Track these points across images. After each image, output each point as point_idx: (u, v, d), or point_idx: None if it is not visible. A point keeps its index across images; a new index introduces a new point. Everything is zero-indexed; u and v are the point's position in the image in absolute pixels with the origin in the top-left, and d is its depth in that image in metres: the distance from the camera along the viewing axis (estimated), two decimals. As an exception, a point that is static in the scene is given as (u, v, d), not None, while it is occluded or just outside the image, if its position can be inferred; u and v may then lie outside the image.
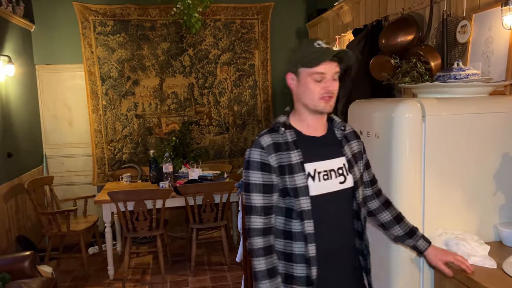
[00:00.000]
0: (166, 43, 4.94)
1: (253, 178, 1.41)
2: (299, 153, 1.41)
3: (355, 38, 3.54)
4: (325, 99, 1.40)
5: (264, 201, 1.40)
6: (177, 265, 4.18)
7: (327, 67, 1.38)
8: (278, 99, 5.37)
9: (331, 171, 1.44)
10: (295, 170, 1.39)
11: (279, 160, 1.40)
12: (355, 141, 1.56)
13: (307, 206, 1.39)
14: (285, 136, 1.44)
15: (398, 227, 1.62)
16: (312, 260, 1.39)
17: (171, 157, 4.23)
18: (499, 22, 2.09)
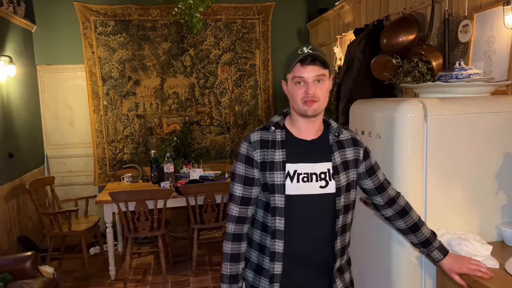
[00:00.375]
0: (167, 43, 4.94)
1: (237, 169, 1.52)
2: (283, 153, 1.47)
3: (356, 38, 3.53)
4: (307, 103, 1.43)
5: (243, 192, 1.50)
6: (179, 265, 4.17)
7: (306, 70, 1.42)
8: (279, 99, 5.37)
9: (313, 175, 1.46)
10: (276, 168, 1.46)
11: (262, 156, 1.48)
12: (351, 148, 1.55)
13: (281, 204, 1.45)
14: (274, 135, 1.50)
15: (413, 235, 1.62)
16: (278, 256, 1.46)
17: (172, 157, 4.23)
18: (501, 22, 2.09)
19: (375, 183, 1.61)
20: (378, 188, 1.61)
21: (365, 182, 1.60)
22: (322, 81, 1.44)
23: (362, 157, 1.57)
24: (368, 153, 1.60)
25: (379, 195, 1.62)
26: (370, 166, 1.60)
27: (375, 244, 2.08)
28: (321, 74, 1.43)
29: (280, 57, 5.31)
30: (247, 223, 1.53)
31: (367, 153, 1.60)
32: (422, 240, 1.61)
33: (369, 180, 1.60)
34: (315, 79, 1.43)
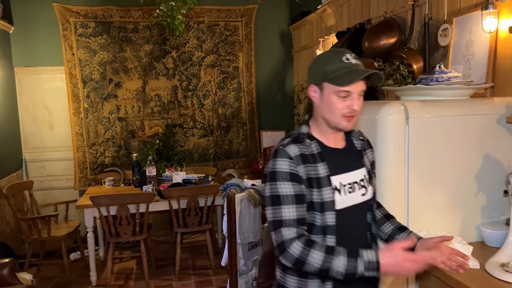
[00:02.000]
0: (149, 45, 4.90)
1: (282, 189, 1.31)
2: (325, 166, 1.36)
3: (339, 41, 3.56)
4: (348, 118, 1.35)
5: (298, 213, 1.30)
6: (161, 270, 4.12)
7: (355, 86, 1.32)
8: (263, 102, 5.37)
9: (354, 183, 1.40)
10: (323, 184, 1.33)
11: (307, 172, 1.33)
12: (370, 150, 1.53)
13: (332, 222, 1.34)
14: (311, 148, 1.37)
15: (388, 223, 1.54)
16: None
17: (154, 161, 4.18)
18: (479, 26, 2.13)
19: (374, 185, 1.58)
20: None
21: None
22: (361, 96, 1.37)
23: (374, 158, 1.56)
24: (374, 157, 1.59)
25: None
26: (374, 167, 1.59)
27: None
28: (364, 89, 1.36)
29: (263, 59, 5.32)
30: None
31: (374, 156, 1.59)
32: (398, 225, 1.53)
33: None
34: (360, 94, 1.35)
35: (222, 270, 3.89)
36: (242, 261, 3.16)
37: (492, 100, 2.00)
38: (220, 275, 3.91)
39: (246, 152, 5.36)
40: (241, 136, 5.32)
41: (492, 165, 1.89)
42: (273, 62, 5.42)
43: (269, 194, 1.34)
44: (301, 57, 5.11)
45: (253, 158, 5.36)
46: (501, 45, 2.09)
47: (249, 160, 5.36)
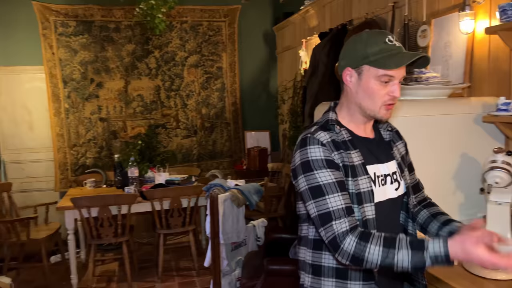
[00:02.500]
0: (131, 45, 4.85)
1: (322, 178, 1.16)
2: (359, 154, 1.23)
3: (321, 42, 3.58)
4: (388, 106, 1.22)
5: (345, 201, 1.16)
6: (144, 272, 4.08)
7: (398, 70, 1.19)
8: (247, 102, 5.37)
9: (387, 176, 1.28)
10: (359, 172, 1.21)
11: (341, 159, 1.20)
12: (400, 142, 1.40)
13: (372, 214, 1.20)
14: (341, 135, 1.24)
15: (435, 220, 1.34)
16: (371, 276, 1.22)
17: (136, 161, 4.14)
18: (456, 27, 2.17)
19: (412, 180, 1.42)
20: (414, 186, 1.42)
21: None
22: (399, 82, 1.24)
23: (407, 151, 1.43)
24: (407, 148, 1.44)
25: (414, 195, 1.40)
26: (410, 162, 1.44)
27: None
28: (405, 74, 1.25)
29: (246, 60, 5.32)
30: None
31: (407, 147, 1.43)
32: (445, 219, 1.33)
33: (409, 176, 1.40)
34: (401, 80, 1.22)
35: (206, 271, 3.88)
36: (226, 261, 3.15)
37: (469, 100, 2.04)
38: (203, 276, 3.90)
39: (230, 153, 5.35)
40: (225, 136, 5.31)
41: (469, 164, 1.92)
42: (257, 63, 5.42)
43: (307, 187, 1.18)
44: (285, 57, 5.13)
45: (237, 158, 5.36)
46: (478, 46, 2.13)
47: (233, 161, 5.35)
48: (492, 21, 2.03)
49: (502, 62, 2.00)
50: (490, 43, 2.06)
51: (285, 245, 3.24)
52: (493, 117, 1.81)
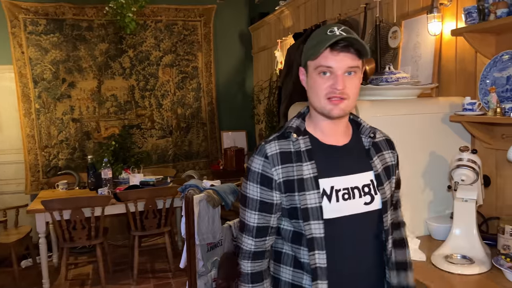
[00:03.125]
0: (104, 44, 4.76)
1: (250, 191, 1.18)
2: (312, 166, 1.14)
3: (296, 42, 3.61)
4: (333, 100, 1.11)
5: (259, 221, 1.17)
6: (119, 274, 4.02)
7: (336, 59, 1.09)
8: (223, 102, 5.36)
9: (354, 189, 1.16)
10: (307, 187, 1.13)
11: (286, 174, 1.14)
12: (389, 151, 1.27)
13: (319, 233, 1.12)
14: (297, 144, 1.17)
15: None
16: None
17: (110, 163, 4.07)
18: (425, 29, 2.22)
19: (393, 198, 1.30)
20: (395, 204, 1.32)
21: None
22: (354, 73, 1.12)
23: (396, 163, 1.29)
24: (398, 161, 1.31)
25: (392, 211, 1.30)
26: (399, 178, 1.32)
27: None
28: (355, 65, 1.11)
29: (222, 60, 5.31)
30: (266, 257, 1.22)
31: (398, 160, 1.31)
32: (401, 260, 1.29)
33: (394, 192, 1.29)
34: (346, 71, 1.10)
35: (182, 272, 3.85)
36: (201, 262, 3.13)
37: (437, 99, 2.09)
38: (179, 277, 3.87)
39: (207, 153, 5.33)
40: (201, 136, 5.28)
41: (437, 162, 1.97)
42: (233, 63, 5.42)
43: (240, 191, 1.22)
44: (261, 57, 5.14)
45: (213, 158, 5.34)
46: (445, 47, 2.19)
47: (209, 161, 5.32)
48: (459, 23, 2.09)
49: (468, 63, 2.06)
50: (456, 45, 2.12)
51: (261, 245, 3.25)
52: (460, 116, 1.87)
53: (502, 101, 1.78)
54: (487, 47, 1.89)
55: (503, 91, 1.81)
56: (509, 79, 1.79)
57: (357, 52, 1.11)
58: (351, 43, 1.09)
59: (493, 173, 1.95)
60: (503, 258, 1.55)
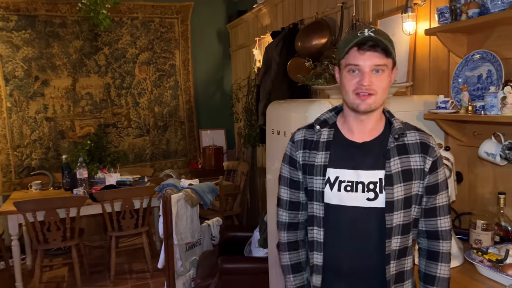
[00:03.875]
0: (79, 41, 4.66)
1: (283, 171, 1.39)
2: (326, 156, 1.27)
3: (274, 41, 3.61)
4: (360, 96, 1.20)
5: (290, 196, 1.37)
6: (96, 276, 3.95)
7: (363, 57, 1.18)
8: (201, 100, 5.32)
9: (359, 184, 1.24)
10: (316, 172, 1.28)
11: (304, 158, 1.32)
12: (419, 155, 1.26)
13: (319, 213, 1.28)
14: (319, 135, 1.31)
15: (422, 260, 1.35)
16: (317, 269, 1.30)
17: (85, 162, 3.99)
18: (400, 28, 2.25)
19: (428, 204, 1.30)
20: (427, 211, 1.30)
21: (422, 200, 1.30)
22: (382, 71, 1.20)
23: (428, 169, 1.26)
24: (437, 167, 1.28)
25: (423, 219, 1.31)
26: (434, 184, 1.28)
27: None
28: (382, 64, 1.19)
29: (200, 57, 5.27)
30: (301, 229, 1.38)
31: (435, 165, 1.27)
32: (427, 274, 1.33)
33: (426, 198, 1.29)
34: (373, 69, 1.19)
35: (160, 272, 3.81)
36: (180, 262, 3.11)
37: (412, 98, 2.13)
38: (157, 277, 3.83)
39: (185, 152, 5.28)
40: (179, 135, 5.23)
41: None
42: (211, 61, 5.38)
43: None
44: (239, 55, 5.13)
45: (192, 157, 5.30)
46: (419, 46, 2.23)
47: (188, 160, 5.28)
48: (432, 23, 2.13)
49: (441, 62, 2.11)
50: (430, 44, 2.17)
51: (240, 244, 3.25)
52: (433, 114, 1.91)
53: (473, 99, 1.82)
54: (459, 47, 1.93)
55: (474, 90, 1.86)
56: (480, 78, 1.84)
57: (384, 51, 1.19)
58: (376, 43, 1.18)
59: (465, 170, 2.00)
60: (475, 252, 1.59)
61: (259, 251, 2.91)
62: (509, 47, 1.75)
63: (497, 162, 1.76)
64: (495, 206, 1.83)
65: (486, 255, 1.55)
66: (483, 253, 1.57)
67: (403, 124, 1.30)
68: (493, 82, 1.77)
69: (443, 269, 1.29)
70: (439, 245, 1.30)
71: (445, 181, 1.30)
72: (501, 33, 1.78)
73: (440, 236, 1.30)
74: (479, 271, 1.55)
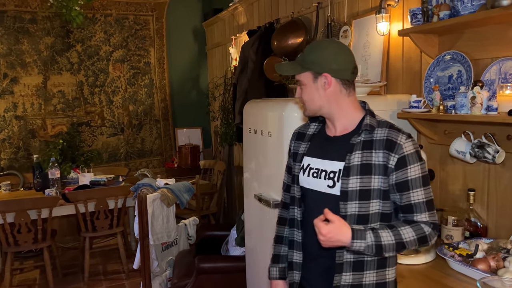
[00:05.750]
0: (50, 38, 4.53)
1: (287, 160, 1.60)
2: (306, 146, 1.48)
3: (250, 39, 3.61)
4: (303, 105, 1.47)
5: (287, 179, 1.58)
6: (69, 278, 3.86)
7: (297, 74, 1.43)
8: (177, 98, 5.27)
9: (322, 171, 1.39)
10: (297, 159, 1.48)
11: (294, 147, 1.53)
12: (382, 151, 1.29)
13: (297, 194, 1.47)
14: (309, 128, 1.52)
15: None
16: (296, 245, 1.47)
17: (58, 162, 3.89)
18: (374, 29, 2.29)
19: (402, 201, 1.30)
20: (404, 207, 1.31)
21: (394, 196, 1.32)
22: (303, 85, 1.40)
23: (393, 166, 1.28)
24: (406, 164, 1.28)
25: (401, 215, 1.33)
26: (404, 181, 1.28)
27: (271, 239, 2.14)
28: (299, 80, 1.42)
29: (176, 55, 5.22)
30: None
31: (403, 162, 1.28)
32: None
33: (398, 195, 1.31)
34: (300, 83, 1.42)
35: (136, 273, 3.76)
36: (156, 262, 3.08)
37: (385, 97, 2.17)
38: (133, 278, 3.77)
39: (160, 151, 5.22)
40: (154, 134, 5.17)
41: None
42: (187, 59, 5.34)
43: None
44: (215, 54, 5.10)
45: (167, 156, 5.25)
46: (393, 46, 2.27)
47: (163, 159, 5.23)
48: (405, 24, 2.18)
49: (414, 62, 2.16)
50: (403, 45, 2.21)
51: (217, 243, 3.24)
52: (406, 113, 1.95)
53: (444, 98, 1.87)
54: (431, 47, 1.98)
55: (445, 89, 1.91)
56: (451, 78, 1.89)
57: (300, 67, 1.39)
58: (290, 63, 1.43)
59: (437, 167, 2.06)
60: (446, 248, 1.64)
61: (236, 249, 2.91)
62: (478, 48, 1.81)
63: (467, 160, 1.81)
64: (465, 202, 1.88)
65: (457, 250, 1.60)
66: (454, 248, 1.62)
67: (378, 122, 1.36)
68: (463, 82, 1.83)
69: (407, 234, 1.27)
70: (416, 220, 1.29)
71: (421, 178, 1.29)
72: (470, 34, 1.83)
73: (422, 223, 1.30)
74: (451, 265, 1.59)
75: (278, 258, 1.57)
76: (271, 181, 2.16)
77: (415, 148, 1.30)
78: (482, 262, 1.48)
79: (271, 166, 2.16)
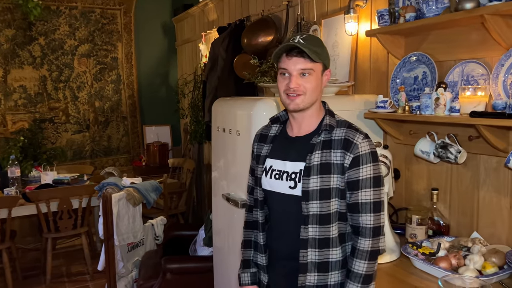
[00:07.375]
0: (11, 30, 4.34)
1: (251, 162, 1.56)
2: (268, 148, 1.46)
3: (220, 36, 3.57)
4: (289, 96, 1.33)
5: (251, 182, 1.54)
6: (30, 280, 3.71)
7: (291, 62, 1.31)
8: (146, 95, 5.16)
9: (284, 173, 1.38)
10: (260, 162, 1.46)
11: (257, 149, 1.50)
12: (340, 151, 1.30)
13: (260, 197, 1.45)
14: (271, 130, 1.49)
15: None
16: (259, 248, 1.46)
17: (18, 160, 3.73)
18: (343, 29, 2.30)
19: (350, 199, 1.32)
20: (351, 206, 1.32)
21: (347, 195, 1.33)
22: (309, 74, 1.31)
23: (348, 164, 1.30)
24: (359, 163, 1.29)
25: (349, 214, 1.34)
26: (355, 180, 1.30)
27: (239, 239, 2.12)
28: (308, 68, 1.30)
29: (144, 51, 5.10)
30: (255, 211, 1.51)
31: (357, 162, 1.29)
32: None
33: (348, 193, 1.32)
34: (300, 72, 1.31)
35: (101, 274, 3.65)
36: (121, 263, 3.00)
37: (353, 97, 2.19)
38: (98, 279, 3.67)
39: (128, 148, 5.10)
40: (121, 131, 5.04)
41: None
42: (156, 54, 5.23)
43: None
44: (185, 50, 5.03)
45: (135, 154, 5.13)
46: (361, 47, 2.29)
47: (131, 157, 5.11)
48: (373, 24, 2.20)
49: (381, 63, 2.18)
50: (371, 45, 2.23)
51: (185, 243, 3.19)
52: (373, 113, 1.97)
53: (410, 99, 1.90)
54: (397, 48, 2.01)
55: (411, 90, 1.94)
56: (416, 79, 1.92)
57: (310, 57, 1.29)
58: (302, 51, 1.28)
59: (402, 167, 2.09)
60: (410, 246, 1.67)
61: (204, 250, 2.88)
62: (442, 50, 1.84)
63: (430, 160, 1.85)
64: (429, 201, 1.92)
65: (420, 249, 1.63)
66: (417, 246, 1.65)
67: (337, 121, 1.37)
68: (428, 83, 1.86)
69: (357, 264, 1.30)
70: (357, 241, 1.31)
71: (372, 179, 1.30)
72: (435, 36, 1.87)
73: (359, 232, 1.31)
74: (414, 264, 1.62)
75: (248, 263, 1.52)
76: (239, 180, 2.13)
77: (371, 148, 1.32)
78: (444, 260, 1.51)
79: (239, 165, 2.13)
